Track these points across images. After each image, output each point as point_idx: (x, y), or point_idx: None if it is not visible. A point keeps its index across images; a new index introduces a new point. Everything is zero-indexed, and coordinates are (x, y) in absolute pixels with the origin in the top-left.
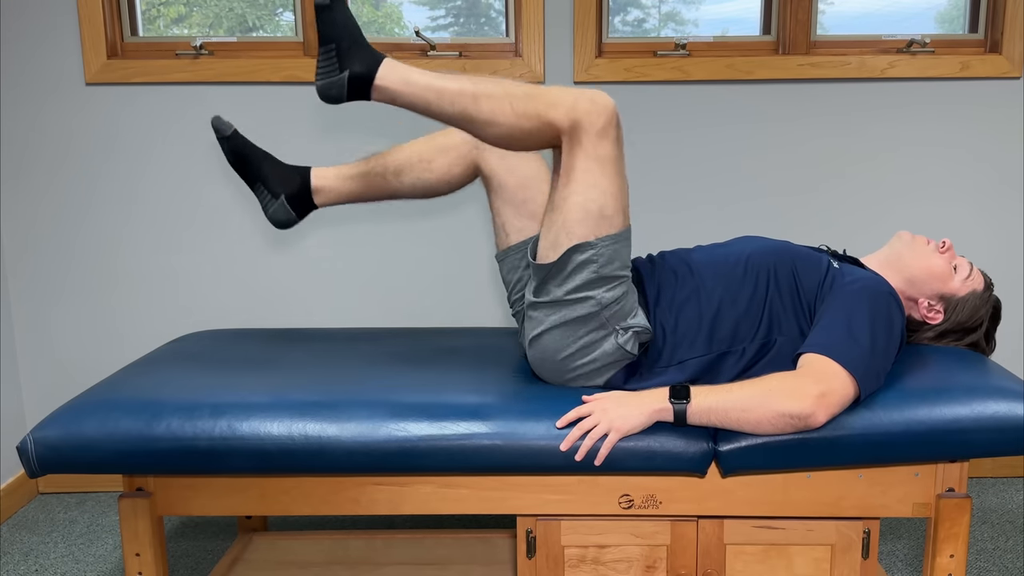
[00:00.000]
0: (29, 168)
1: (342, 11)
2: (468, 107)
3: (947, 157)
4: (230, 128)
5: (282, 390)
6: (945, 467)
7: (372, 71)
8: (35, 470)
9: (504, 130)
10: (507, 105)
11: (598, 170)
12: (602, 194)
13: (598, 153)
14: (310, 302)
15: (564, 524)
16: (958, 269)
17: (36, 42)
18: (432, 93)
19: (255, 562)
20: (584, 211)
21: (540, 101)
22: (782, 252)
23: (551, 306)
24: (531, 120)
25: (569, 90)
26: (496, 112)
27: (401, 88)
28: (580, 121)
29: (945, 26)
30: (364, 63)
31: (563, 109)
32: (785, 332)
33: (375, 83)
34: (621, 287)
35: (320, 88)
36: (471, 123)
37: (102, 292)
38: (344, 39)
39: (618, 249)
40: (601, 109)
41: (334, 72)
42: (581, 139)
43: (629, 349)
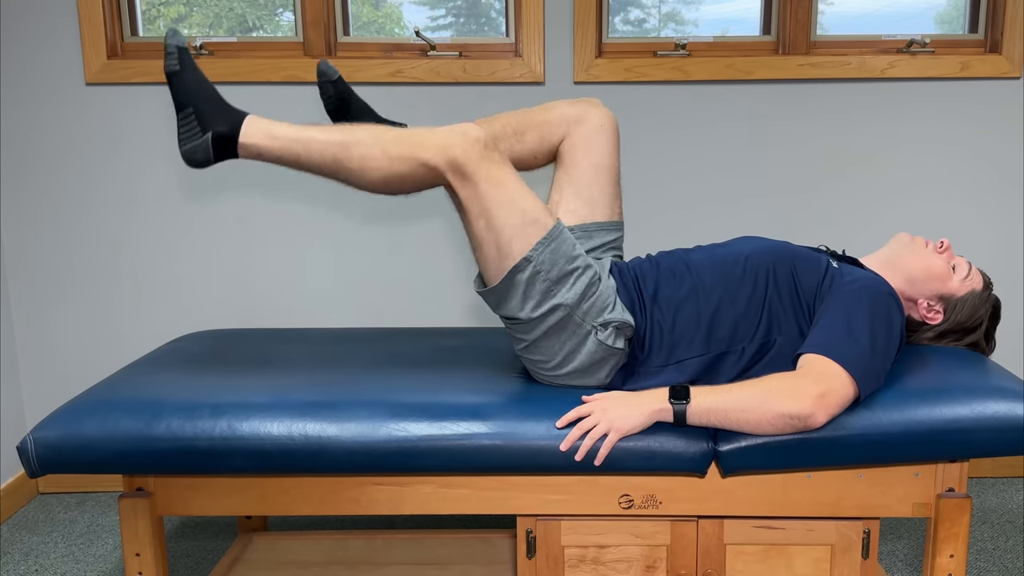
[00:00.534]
0: (29, 168)
1: (192, 74)
2: (338, 155)
3: (947, 157)
4: (183, 42)
5: (282, 390)
6: (945, 467)
7: (236, 129)
8: (35, 470)
9: (379, 175)
10: (378, 150)
11: (499, 190)
12: (517, 206)
13: (491, 177)
14: (310, 302)
15: (564, 524)
16: (957, 269)
17: (36, 42)
18: (300, 145)
19: (255, 562)
20: (510, 228)
21: (410, 143)
22: (781, 252)
23: (524, 325)
24: (405, 163)
25: (437, 130)
26: (367, 158)
27: (267, 143)
28: (458, 158)
29: (945, 26)
30: (226, 122)
31: (434, 149)
32: (784, 332)
33: (240, 141)
34: (581, 280)
35: (185, 153)
36: (343, 171)
37: (102, 292)
38: (201, 101)
39: (556, 247)
40: (473, 141)
41: (196, 135)
42: (468, 173)
43: (612, 344)
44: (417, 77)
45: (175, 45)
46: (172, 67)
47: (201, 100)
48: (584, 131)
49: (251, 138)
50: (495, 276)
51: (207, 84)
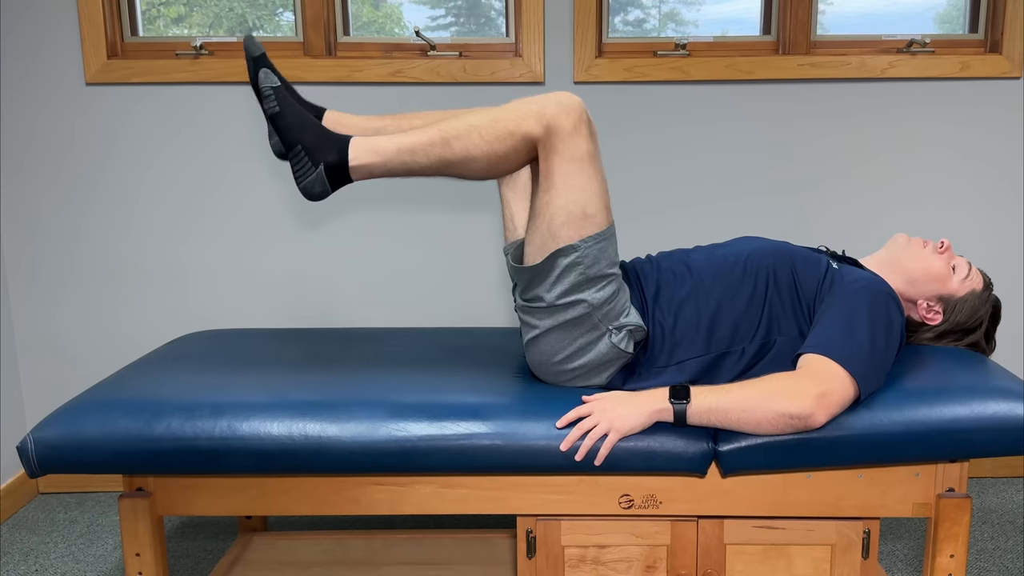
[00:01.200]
0: (29, 168)
1: (292, 111)
2: (443, 154)
3: (947, 157)
4: (277, 82)
5: (282, 390)
6: (945, 467)
7: (344, 155)
8: (35, 470)
9: (483, 162)
10: (476, 137)
11: (576, 171)
12: (583, 193)
13: (573, 153)
14: (310, 302)
15: (564, 524)
16: (956, 269)
17: (36, 42)
18: (406, 154)
19: (255, 562)
20: (567, 213)
21: (507, 120)
22: (781, 252)
23: (543, 311)
24: (504, 141)
25: (531, 99)
26: (469, 148)
27: (375, 160)
28: (551, 125)
29: (945, 26)
30: (333, 151)
31: (533, 119)
32: (784, 332)
33: (350, 165)
34: (611, 286)
35: (303, 189)
36: (450, 167)
37: (102, 292)
38: (307, 136)
39: (603, 248)
40: (568, 109)
41: (310, 170)
42: (555, 143)
43: (624, 348)
44: (417, 77)
45: (270, 87)
46: (272, 109)
47: (306, 135)
48: None
49: (359, 160)
50: (536, 254)
51: (306, 116)
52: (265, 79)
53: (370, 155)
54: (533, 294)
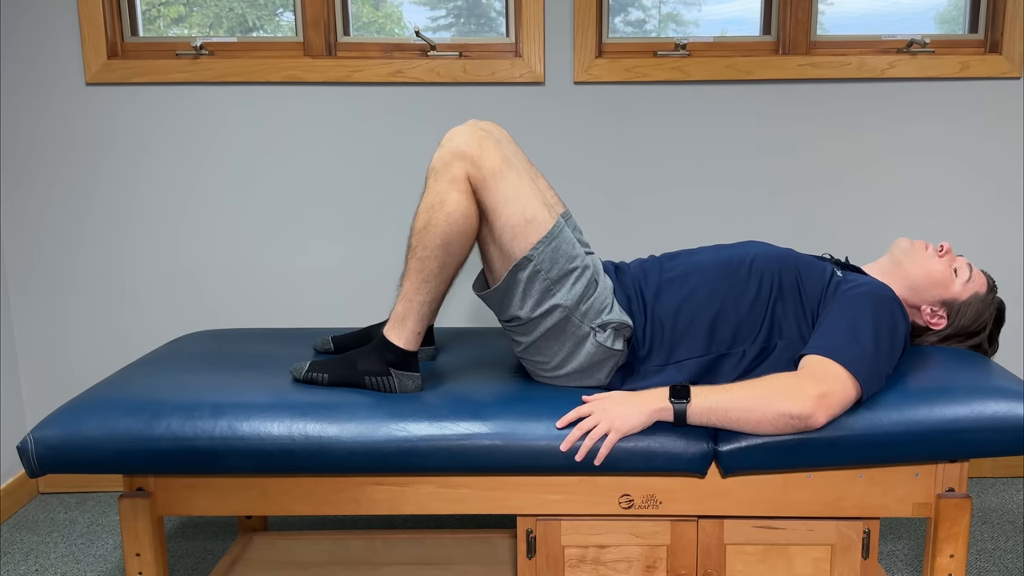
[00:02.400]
0: (29, 168)
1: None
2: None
3: (947, 157)
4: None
5: (282, 390)
6: (945, 467)
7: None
8: (35, 470)
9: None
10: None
11: (500, 185)
12: (516, 202)
13: (486, 174)
14: (310, 302)
15: (564, 524)
16: (958, 272)
17: (36, 42)
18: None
19: (255, 562)
20: (511, 228)
21: (433, 192)
22: (786, 258)
23: (523, 327)
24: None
25: (440, 168)
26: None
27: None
28: (466, 169)
29: (945, 26)
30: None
31: (459, 180)
32: (786, 336)
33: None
34: (580, 281)
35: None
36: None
37: (102, 292)
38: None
39: (556, 247)
40: (461, 144)
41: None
42: (473, 177)
43: (612, 346)
44: (417, 77)
45: (308, 373)
46: (324, 382)
47: (355, 371)
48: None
49: (396, 338)
50: (498, 277)
51: (340, 360)
52: (298, 374)
53: (397, 324)
54: (508, 315)
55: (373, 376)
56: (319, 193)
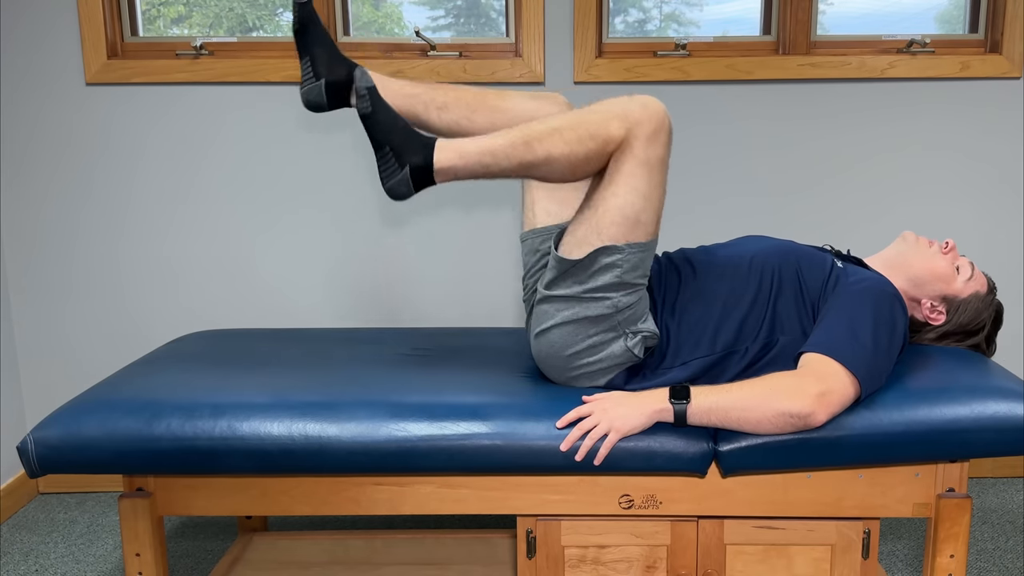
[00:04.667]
0: (29, 168)
1: (384, 112)
2: (524, 156)
3: (947, 157)
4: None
5: (282, 390)
6: (945, 467)
7: (429, 158)
8: (35, 470)
9: (563, 163)
10: (558, 139)
11: (644, 175)
12: (643, 199)
13: (647, 157)
14: (310, 302)
15: (564, 524)
16: (960, 270)
17: (36, 42)
18: (488, 156)
19: (255, 562)
20: (621, 214)
21: (590, 123)
22: (786, 252)
23: (566, 300)
24: (585, 143)
25: (616, 100)
26: (551, 150)
27: (459, 163)
28: (632, 128)
29: (945, 26)
30: (420, 153)
31: (616, 121)
32: (788, 332)
33: (435, 167)
34: (636, 294)
35: (389, 190)
36: (532, 168)
37: (102, 292)
38: (395, 137)
39: (644, 258)
40: (652, 114)
41: (396, 171)
42: (632, 144)
43: (636, 352)
44: (417, 77)
45: (365, 87)
46: (365, 109)
47: (394, 136)
48: None
49: (444, 162)
50: (577, 245)
51: (398, 118)
52: (361, 79)
53: (454, 158)
54: (562, 286)
55: (390, 155)
56: (319, 193)
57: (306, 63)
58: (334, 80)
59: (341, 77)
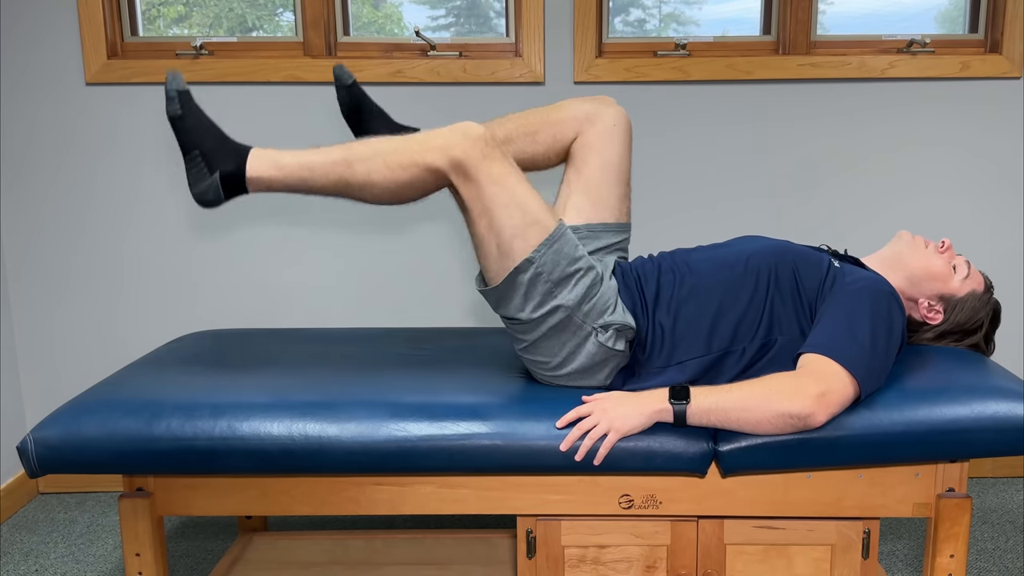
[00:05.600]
0: (29, 168)
1: (195, 115)
2: (343, 174)
3: (947, 157)
4: (184, 87)
5: (282, 390)
6: (945, 467)
7: (241, 166)
8: (35, 470)
9: (382, 188)
10: (380, 162)
11: (501, 190)
12: (517, 206)
13: (493, 176)
14: (310, 302)
15: (564, 524)
16: (957, 269)
17: (36, 42)
18: (305, 171)
19: (255, 562)
20: (511, 228)
21: (410, 150)
22: (783, 252)
23: (524, 326)
24: (407, 170)
25: (437, 132)
26: (371, 172)
27: (274, 174)
28: (459, 158)
29: (945, 26)
30: (232, 160)
31: (435, 152)
32: (786, 332)
33: (247, 176)
34: (582, 282)
35: (196, 196)
36: (350, 188)
37: (102, 292)
38: (205, 141)
39: (558, 249)
40: (473, 139)
41: (205, 176)
42: (470, 172)
43: (613, 347)
44: (417, 77)
45: (175, 89)
46: (175, 111)
47: (205, 141)
48: (597, 130)
49: (257, 171)
50: (496, 276)
51: (210, 124)
52: (173, 81)
53: (269, 168)
54: (508, 314)
55: (199, 160)
56: None
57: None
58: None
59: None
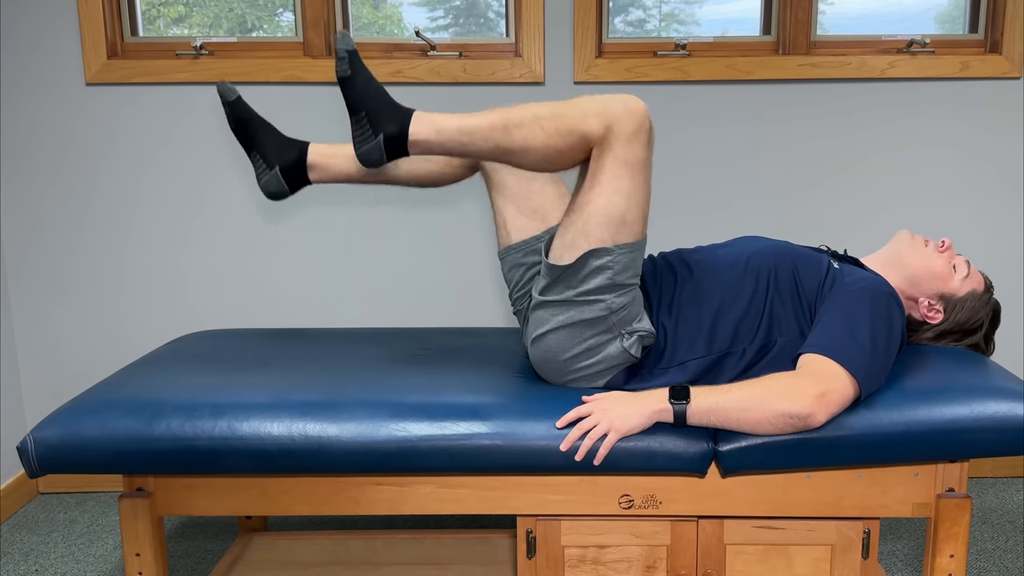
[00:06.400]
0: (29, 168)
1: (364, 77)
2: (501, 140)
3: (947, 157)
4: (234, 93)
5: (282, 390)
6: (945, 467)
7: (405, 128)
8: (35, 470)
9: (540, 154)
10: (537, 129)
11: (626, 175)
12: (627, 199)
13: (628, 157)
14: (310, 302)
15: (564, 524)
16: (957, 268)
17: (36, 42)
18: (465, 136)
19: (255, 562)
20: (607, 215)
21: (570, 116)
22: (782, 253)
23: (559, 305)
24: (564, 137)
25: (597, 98)
26: (528, 138)
27: (435, 138)
28: (612, 126)
29: (945, 26)
30: (396, 123)
31: (595, 118)
32: (785, 333)
33: (409, 139)
34: (630, 294)
35: (360, 156)
36: (507, 154)
37: (102, 292)
38: (371, 103)
39: (634, 257)
40: (632, 113)
41: (369, 138)
42: (612, 143)
43: (633, 353)
44: (417, 77)
45: (345, 49)
46: (344, 72)
47: (371, 102)
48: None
49: (419, 135)
50: (567, 249)
51: (376, 85)
52: (342, 41)
53: (430, 131)
54: (555, 292)
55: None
56: (318, 193)
57: (255, 156)
58: (287, 164)
59: (293, 158)
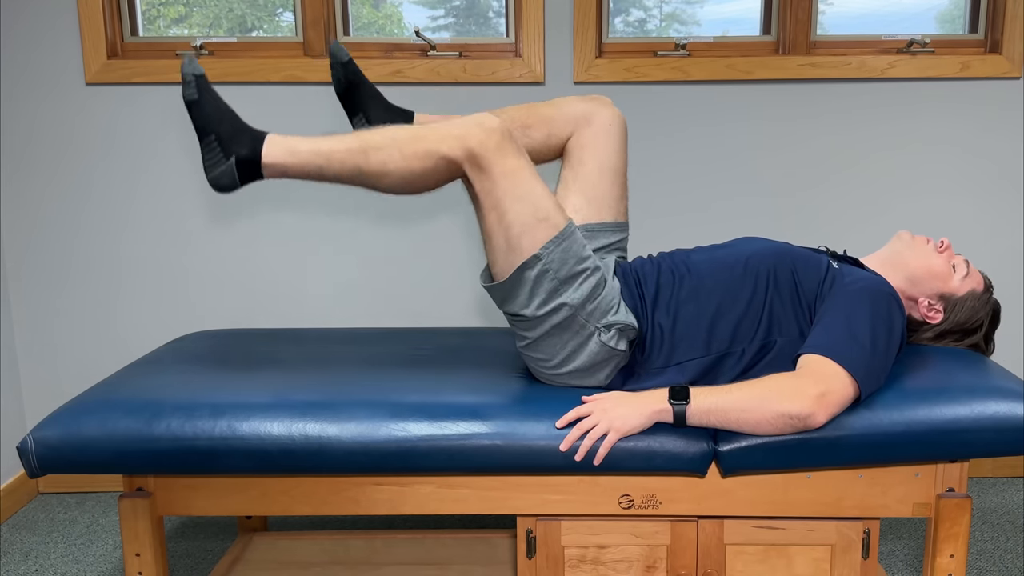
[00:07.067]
0: (29, 168)
1: (211, 100)
2: (359, 162)
3: (947, 157)
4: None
5: (282, 390)
6: (945, 467)
7: (257, 151)
8: (35, 470)
9: (397, 177)
10: (396, 151)
11: (513, 184)
12: (529, 201)
13: (504, 169)
14: (310, 302)
15: (564, 524)
16: (956, 268)
17: (36, 42)
18: (321, 158)
19: (255, 562)
20: (521, 223)
21: (428, 139)
22: (782, 253)
23: (527, 322)
24: (422, 160)
25: (453, 121)
26: (387, 161)
27: (289, 160)
28: (474, 149)
29: (945, 26)
30: (248, 145)
31: (453, 141)
32: (785, 333)
33: (263, 161)
34: (588, 281)
35: (212, 180)
36: (365, 177)
37: (102, 292)
38: (222, 126)
39: (567, 247)
40: (489, 130)
41: (220, 161)
42: (483, 164)
43: (615, 346)
44: (417, 77)
45: (192, 73)
46: (191, 95)
47: (222, 125)
48: (593, 130)
49: (273, 157)
50: (503, 271)
51: (226, 108)
52: (188, 65)
53: (285, 154)
54: (512, 310)
55: (215, 144)
56: (318, 193)
57: (359, 120)
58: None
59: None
